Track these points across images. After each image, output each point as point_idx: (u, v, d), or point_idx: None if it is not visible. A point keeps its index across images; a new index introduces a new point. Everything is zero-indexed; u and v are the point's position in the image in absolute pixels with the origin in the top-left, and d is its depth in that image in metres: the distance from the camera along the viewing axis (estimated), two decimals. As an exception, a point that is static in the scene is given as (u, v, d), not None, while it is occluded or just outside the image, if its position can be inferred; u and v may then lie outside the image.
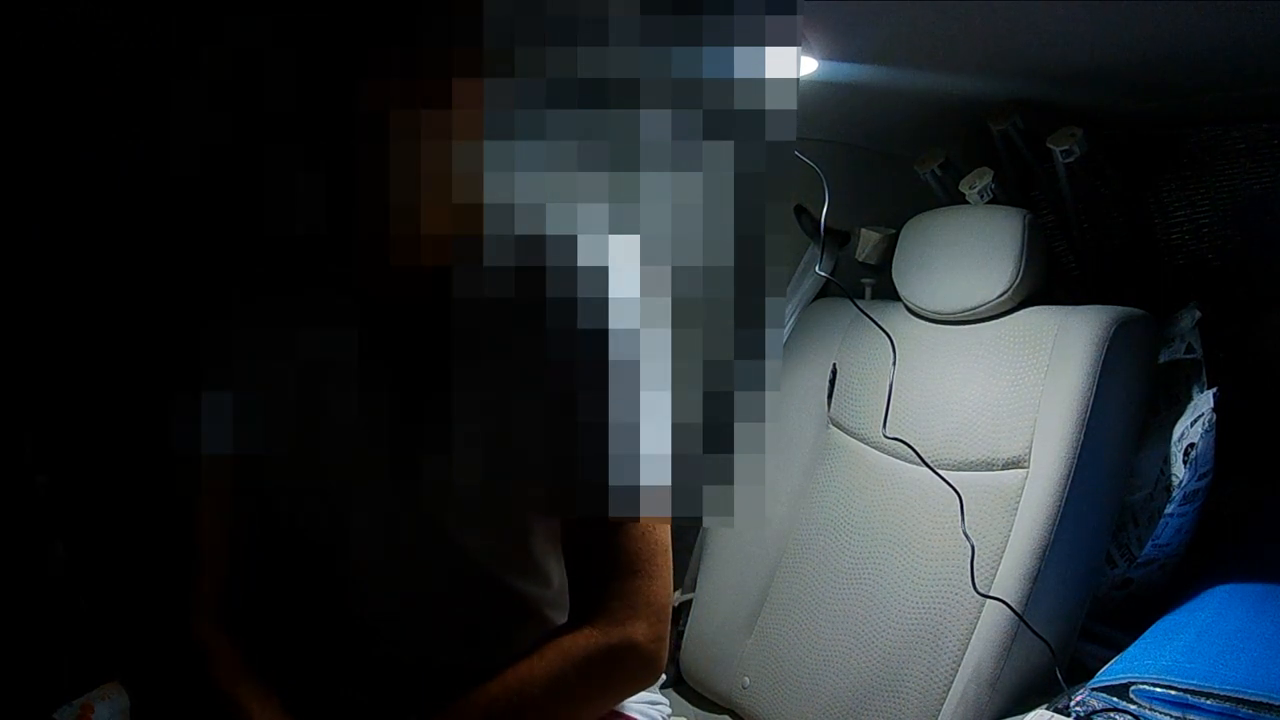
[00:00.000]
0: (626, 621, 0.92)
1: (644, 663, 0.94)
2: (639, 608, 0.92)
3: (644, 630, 0.92)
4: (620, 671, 0.94)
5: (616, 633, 0.91)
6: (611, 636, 0.91)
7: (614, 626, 0.92)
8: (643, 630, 0.92)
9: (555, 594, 1.00)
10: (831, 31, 1.18)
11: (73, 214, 1.14)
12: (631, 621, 0.92)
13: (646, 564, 0.93)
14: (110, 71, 1.04)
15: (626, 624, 0.92)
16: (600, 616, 0.92)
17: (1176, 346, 1.44)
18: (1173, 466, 1.37)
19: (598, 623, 0.92)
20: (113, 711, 1.08)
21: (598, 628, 0.92)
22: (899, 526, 1.41)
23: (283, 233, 0.88)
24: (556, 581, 1.00)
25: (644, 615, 0.93)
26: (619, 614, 0.92)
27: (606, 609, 0.92)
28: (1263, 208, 1.64)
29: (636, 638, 0.92)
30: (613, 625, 0.92)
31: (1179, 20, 1.14)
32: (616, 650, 0.91)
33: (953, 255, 1.47)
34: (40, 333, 1.14)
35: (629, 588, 0.92)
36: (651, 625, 0.93)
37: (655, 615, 0.94)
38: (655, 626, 0.93)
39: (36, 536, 1.15)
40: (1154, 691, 1.13)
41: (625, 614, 0.92)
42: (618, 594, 0.92)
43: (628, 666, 0.93)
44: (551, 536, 0.98)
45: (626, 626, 0.92)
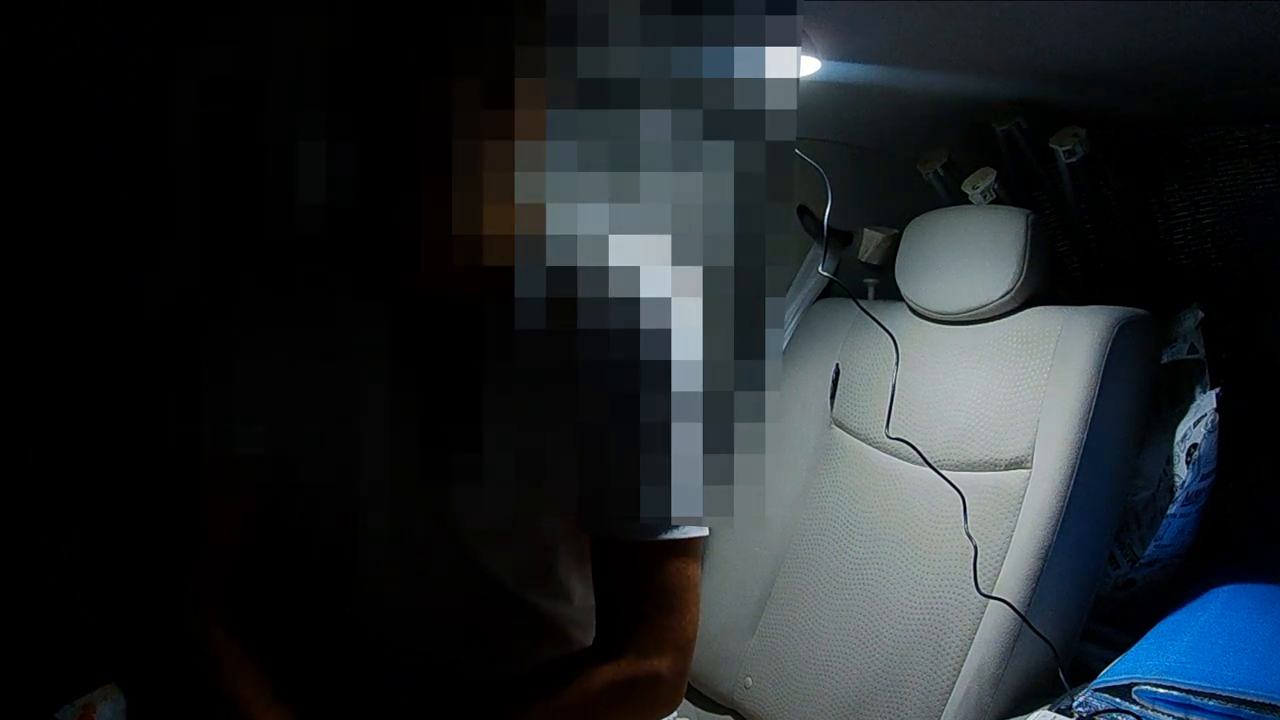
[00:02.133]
0: (654, 656, 0.92)
1: (666, 695, 0.95)
2: (666, 644, 0.93)
3: (669, 665, 0.93)
4: (642, 703, 0.95)
5: (644, 666, 0.92)
6: (639, 669, 0.92)
7: (642, 660, 0.92)
8: (668, 664, 0.93)
9: (577, 611, 1.01)
10: (833, 31, 1.18)
11: (73, 213, 1.14)
12: (659, 656, 0.93)
13: (679, 600, 0.94)
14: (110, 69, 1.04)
15: (654, 658, 0.92)
16: (630, 650, 0.93)
17: (1179, 347, 1.43)
18: (1175, 467, 1.36)
19: (626, 655, 0.92)
20: (115, 711, 1.08)
21: (626, 660, 0.92)
22: (901, 527, 1.41)
23: (315, 232, 0.87)
24: (578, 599, 1.00)
25: (671, 651, 0.93)
26: (648, 648, 0.93)
27: (637, 642, 0.93)
28: (1265, 208, 1.64)
29: (662, 671, 0.93)
30: (641, 659, 0.92)
31: (1181, 20, 1.13)
32: (642, 683, 0.92)
33: (956, 255, 1.46)
34: (41, 332, 1.14)
35: (660, 624, 0.93)
36: (676, 660, 0.94)
37: (681, 650, 0.94)
38: (680, 661, 0.94)
39: (37, 536, 1.15)
40: (1156, 692, 1.13)
41: (654, 649, 0.93)
42: (648, 629, 0.93)
43: (650, 698, 0.94)
44: (578, 555, 0.98)
45: (654, 661, 0.92)
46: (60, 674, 1.09)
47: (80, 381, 1.16)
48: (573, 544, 0.97)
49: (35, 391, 1.14)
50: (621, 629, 0.94)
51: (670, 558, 0.93)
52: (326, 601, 0.96)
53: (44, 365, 1.14)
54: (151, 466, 1.08)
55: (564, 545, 0.97)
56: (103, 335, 1.15)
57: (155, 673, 1.06)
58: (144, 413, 1.12)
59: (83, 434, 1.16)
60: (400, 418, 0.91)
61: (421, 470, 0.91)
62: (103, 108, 1.08)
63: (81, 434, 1.16)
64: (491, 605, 0.96)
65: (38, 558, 1.15)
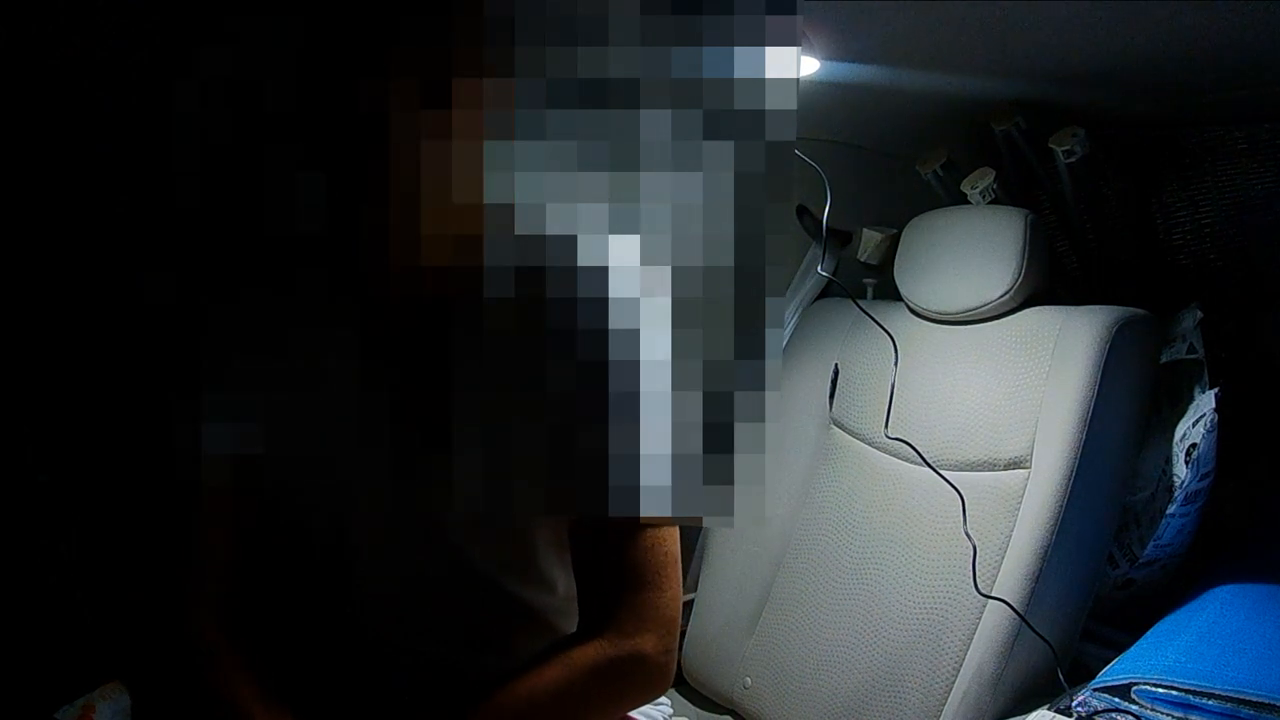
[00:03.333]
0: (636, 634, 0.92)
1: (653, 674, 0.94)
2: (648, 620, 0.93)
3: (653, 642, 0.93)
4: (629, 683, 0.94)
5: (626, 645, 0.92)
6: (621, 649, 0.92)
7: (623, 639, 0.92)
8: (652, 642, 0.93)
9: (561, 601, 1.00)
10: (833, 31, 1.18)
11: (73, 213, 1.14)
12: (641, 634, 0.92)
13: (656, 575, 0.93)
14: (110, 70, 1.04)
15: (636, 636, 0.92)
16: (609, 628, 0.92)
17: (1178, 346, 1.44)
18: (1175, 467, 1.37)
19: (607, 634, 0.92)
20: (114, 711, 1.08)
21: (607, 639, 0.92)
22: (901, 527, 1.41)
23: (283, 232, 0.88)
24: (562, 589, 1.00)
25: (653, 628, 0.93)
26: (628, 626, 0.92)
27: (616, 621, 0.92)
28: (1265, 207, 1.64)
29: (646, 650, 0.92)
30: (622, 637, 0.92)
31: (1180, 20, 1.13)
32: (625, 662, 0.92)
33: (955, 255, 1.46)
34: (41, 332, 1.14)
35: (638, 600, 0.93)
36: (661, 638, 0.94)
37: (664, 627, 0.94)
38: (664, 639, 0.94)
39: (38, 536, 1.15)
40: (1155, 692, 1.13)
41: (634, 626, 0.92)
42: (627, 605, 0.93)
43: (636, 678, 0.94)
44: (558, 544, 0.98)
45: (636, 639, 0.92)
46: (60, 674, 1.09)
47: (80, 381, 1.16)
48: (551, 533, 0.97)
49: (35, 392, 1.14)
50: (601, 609, 0.94)
51: (643, 531, 0.92)
52: (324, 601, 0.96)
53: (44, 365, 1.14)
54: (150, 467, 1.08)
55: (543, 534, 0.96)
56: (102, 335, 1.15)
57: (154, 673, 1.07)
58: (142, 412, 1.12)
59: (83, 434, 1.17)
60: (380, 417, 0.92)
61: (409, 468, 0.91)
62: (103, 108, 1.08)
63: (81, 434, 1.17)
64: (479, 599, 0.96)
65: (38, 558, 1.15)
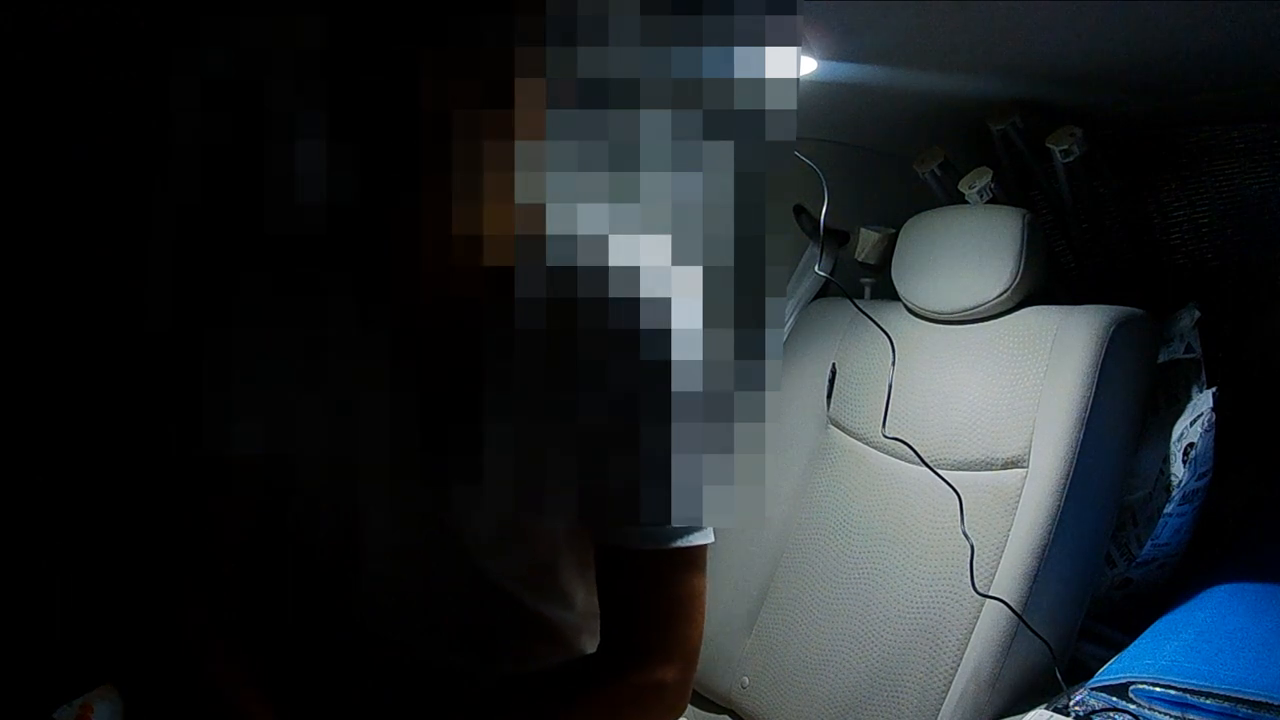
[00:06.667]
0: (660, 666, 0.92)
1: (671, 701, 0.95)
2: (674, 653, 0.93)
3: (675, 673, 0.93)
4: (646, 711, 0.94)
5: (649, 676, 0.92)
6: (644, 680, 0.92)
7: (647, 670, 0.92)
8: (673, 674, 0.93)
9: (578, 616, 1.00)
10: (831, 31, 1.18)
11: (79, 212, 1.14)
12: (665, 666, 0.92)
13: (687, 609, 0.94)
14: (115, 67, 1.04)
15: (659, 668, 0.92)
16: (635, 659, 0.93)
17: (1176, 346, 1.44)
18: (1172, 466, 1.37)
19: (632, 664, 0.92)
20: (113, 712, 1.08)
21: (631, 669, 0.92)
22: (898, 526, 1.41)
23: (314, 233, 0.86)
24: (580, 605, 1.00)
25: (677, 660, 0.93)
26: (654, 659, 0.93)
27: (642, 652, 0.93)
28: (1261, 207, 1.64)
29: (668, 680, 0.92)
30: (646, 669, 0.92)
31: (1178, 20, 1.14)
32: (646, 691, 0.92)
33: (952, 255, 1.47)
34: (43, 333, 1.14)
35: (670, 635, 0.93)
36: (683, 670, 0.94)
37: (688, 659, 0.94)
38: (687, 670, 0.94)
39: (37, 536, 1.15)
40: (1153, 691, 1.13)
41: (660, 658, 0.92)
42: (658, 641, 0.93)
43: (654, 706, 0.94)
44: (580, 560, 0.98)
45: (659, 671, 0.92)
46: (58, 674, 1.09)
47: (80, 382, 1.16)
48: (576, 549, 0.97)
49: (35, 392, 1.14)
50: (631, 639, 0.93)
51: (679, 566, 0.93)
52: (329, 605, 0.95)
53: (44, 366, 1.14)
54: (151, 467, 1.08)
55: (566, 550, 0.96)
56: (102, 336, 1.15)
57: (153, 674, 1.06)
58: (144, 414, 1.12)
59: (83, 435, 1.16)
60: (400, 420, 0.90)
61: (422, 473, 0.90)
62: (102, 108, 1.08)
63: (82, 435, 1.16)
64: (493, 610, 0.95)
65: (37, 558, 1.15)
